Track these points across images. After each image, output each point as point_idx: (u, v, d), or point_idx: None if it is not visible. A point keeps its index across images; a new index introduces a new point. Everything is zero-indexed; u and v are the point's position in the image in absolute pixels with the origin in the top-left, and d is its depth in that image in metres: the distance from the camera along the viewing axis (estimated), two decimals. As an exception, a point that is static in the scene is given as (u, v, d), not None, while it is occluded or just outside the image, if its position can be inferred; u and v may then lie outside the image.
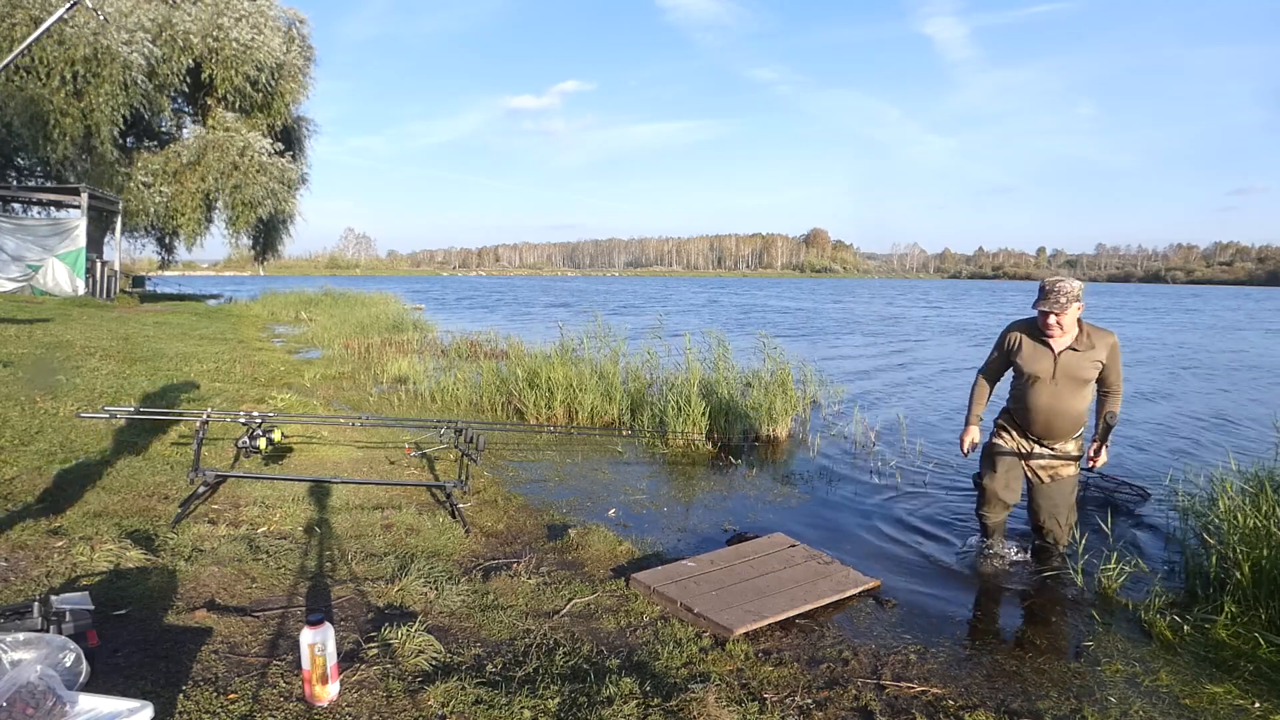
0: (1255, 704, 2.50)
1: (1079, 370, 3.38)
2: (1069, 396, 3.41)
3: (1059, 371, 3.40)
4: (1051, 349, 3.42)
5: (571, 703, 2.26)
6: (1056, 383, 3.41)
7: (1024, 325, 3.56)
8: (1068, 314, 3.31)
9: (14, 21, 18.06)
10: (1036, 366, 3.45)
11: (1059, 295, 3.28)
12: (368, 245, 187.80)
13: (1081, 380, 3.39)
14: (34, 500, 3.64)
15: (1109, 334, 3.42)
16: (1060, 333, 3.37)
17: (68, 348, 8.40)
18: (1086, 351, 3.37)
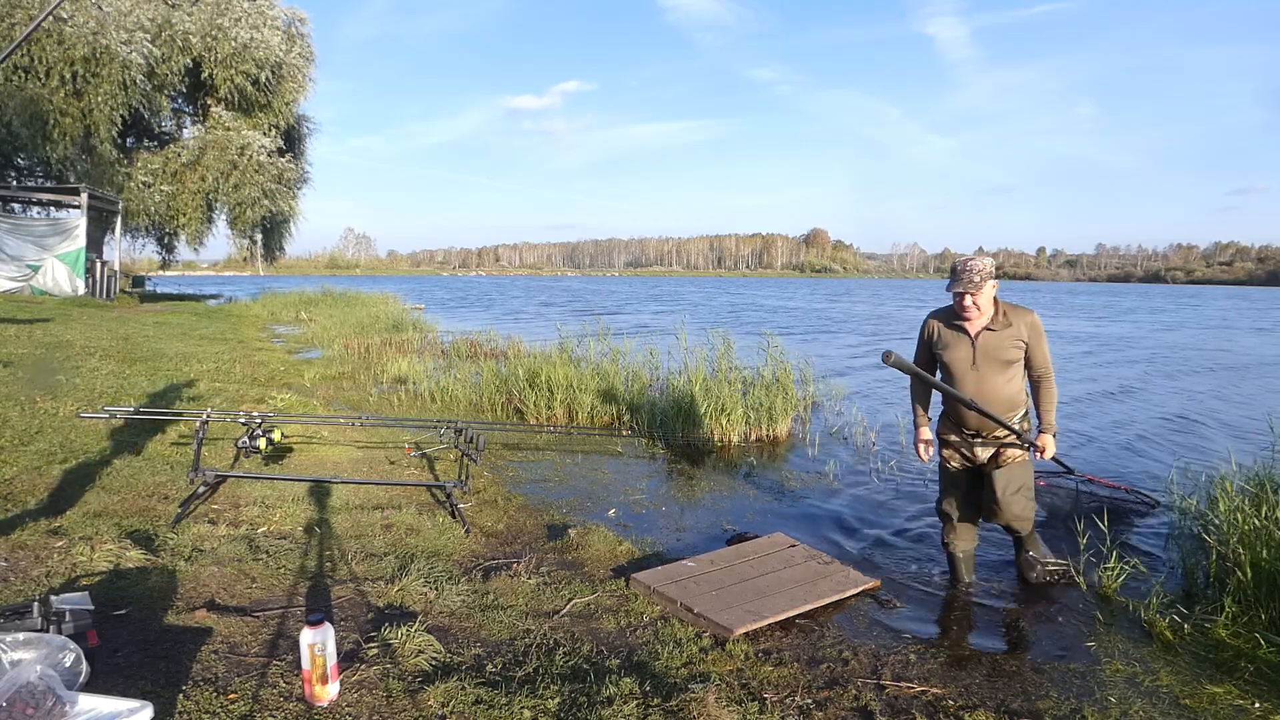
0: (1255, 704, 2.50)
1: (999, 351, 3.19)
2: (994, 379, 3.20)
3: (979, 355, 3.21)
4: (968, 333, 3.23)
5: (571, 703, 2.26)
6: (978, 368, 3.21)
7: (941, 314, 3.37)
8: (983, 293, 3.14)
9: (14, 21, 18.04)
10: (956, 353, 3.26)
11: (972, 274, 3.11)
12: (368, 245, 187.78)
13: (1004, 361, 3.19)
14: (34, 500, 3.64)
15: (1028, 311, 3.24)
16: (977, 314, 3.19)
17: (68, 348, 8.40)
18: (1004, 330, 3.18)
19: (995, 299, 3.25)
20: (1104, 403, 9.23)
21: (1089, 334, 21.05)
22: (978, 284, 3.11)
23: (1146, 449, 6.67)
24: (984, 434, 3.31)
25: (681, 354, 7.46)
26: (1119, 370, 12.56)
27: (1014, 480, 3.27)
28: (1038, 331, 3.22)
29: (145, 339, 10.48)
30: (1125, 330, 22.84)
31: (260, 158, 22.70)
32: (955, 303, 3.22)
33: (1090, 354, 15.40)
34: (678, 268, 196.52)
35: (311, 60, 25.00)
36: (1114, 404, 9.13)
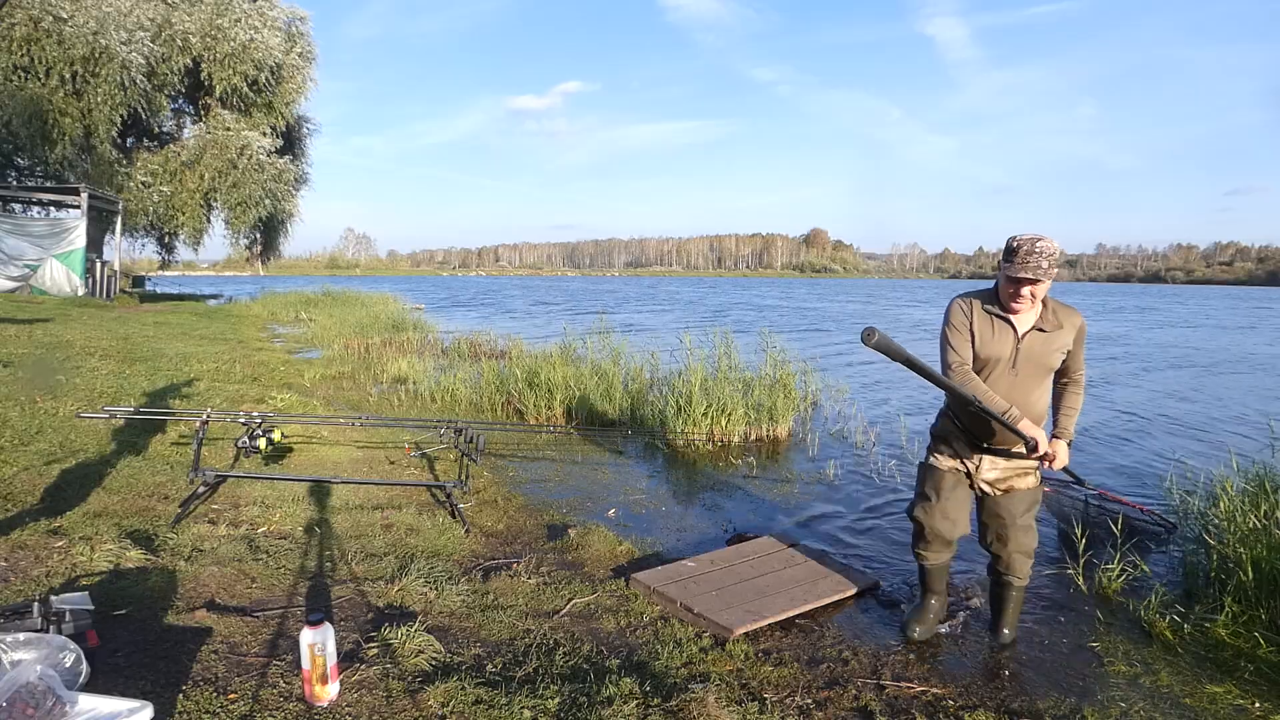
0: (1255, 704, 2.50)
1: (1045, 356, 2.68)
2: (1032, 389, 2.69)
3: (1022, 357, 2.66)
4: (1014, 328, 2.66)
5: (571, 703, 2.25)
6: (1017, 371, 2.67)
7: (977, 297, 2.78)
8: (1041, 286, 2.57)
9: (14, 21, 18.04)
10: (995, 349, 2.68)
11: (1040, 259, 2.49)
12: (368, 245, 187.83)
13: (1046, 368, 2.70)
14: (34, 500, 3.64)
15: (1076, 313, 2.72)
16: (1029, 307, 2.64)
17: (68, 348, 8.40)
18: (1054, 333, 2.66)
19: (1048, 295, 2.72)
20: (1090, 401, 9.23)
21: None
22: (1045, 271, 2.49)
23: (1111, 446, 6.67)
24: (1000, 448, 2.80)
25: (683, 354, 7.46)
26: (1101, 366, 12.57)
27: (1027, 506, 2.84)
28: (1082, 337, 2.75)
29: (145, 339, 10.48)
30: (1111, 328, 22.84)
31: (259, 158, 22.70)
32: (1007, 289, 2.60)
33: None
34: (678, 268, 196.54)
35: (312, 60, 25.01)
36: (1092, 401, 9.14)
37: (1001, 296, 2.67)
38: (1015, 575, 2.90)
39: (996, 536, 2.87)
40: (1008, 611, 2.99)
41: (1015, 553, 2.85)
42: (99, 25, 18.60)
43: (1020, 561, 2.87)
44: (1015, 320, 2.68)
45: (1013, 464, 2.81)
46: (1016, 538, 2.83)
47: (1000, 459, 2.81)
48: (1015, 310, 2.66)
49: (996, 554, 2.90)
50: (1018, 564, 2.87)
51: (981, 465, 2.83)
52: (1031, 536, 2.86)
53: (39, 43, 18.23)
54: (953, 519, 2.90)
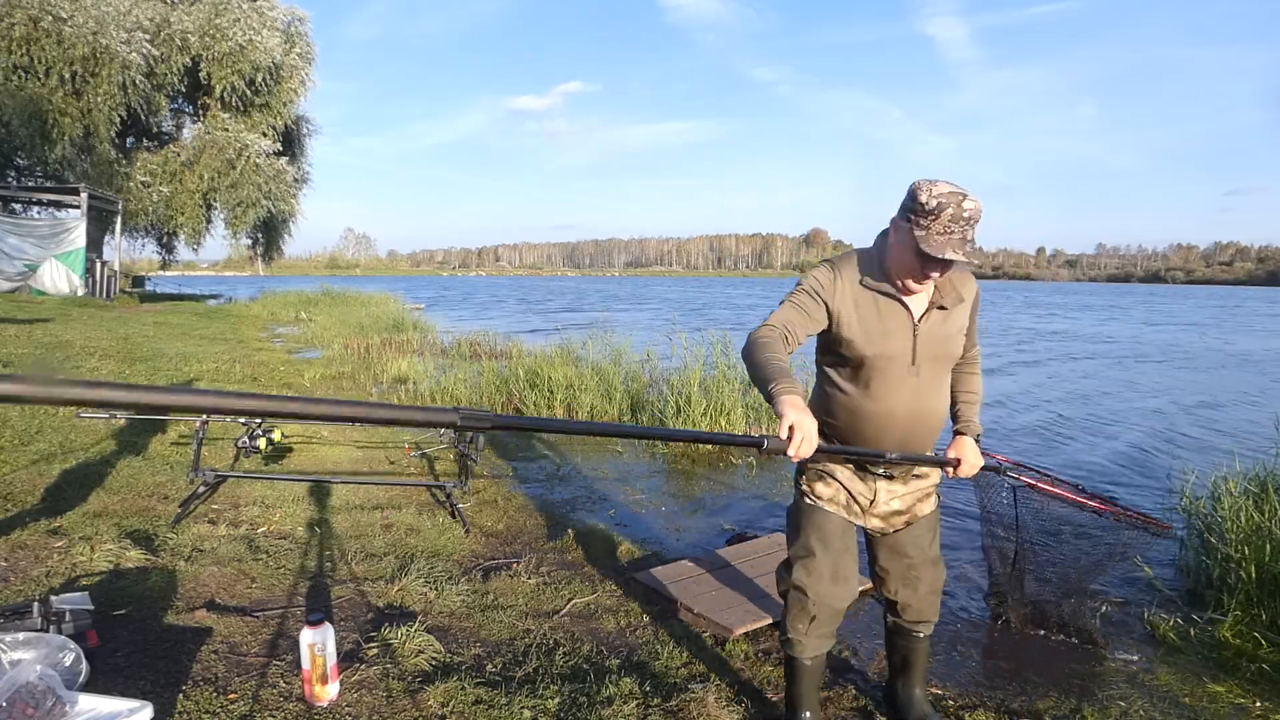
0: (1256, 704, 2.50)
1: (947, 342, 1.97)
2: (936, 391, 2.00)
3: (922, 350, 1.93)
4: (909, 311, 1.92)
5: (571, 703, 2.25)
6: (919, 370, 1.94)
7: (858, 266, 1.95)
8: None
9: (13, 21, 18.05)
10: (885, 343, 1.91)
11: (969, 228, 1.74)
12: (368, 245, 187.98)
13: (949, 359, 2.00)
14: (34, 500, 3.64)
15: (969, 277, 2.02)
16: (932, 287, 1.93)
17: (68, 348, 8.40)
18: (955, 310, 1.96)
19: None
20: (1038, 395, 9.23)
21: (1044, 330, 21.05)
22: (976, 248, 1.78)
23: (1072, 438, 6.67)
24: (899, 472, 2.09)
25: (682, 353, 7.46)
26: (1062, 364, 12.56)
27: (933, 534, 2.19)
28: (978, 306, 2.08)
29: (145, 339, 10.48)
30: (1112, 328, 22.84)
31: (258, 159, 22.70)
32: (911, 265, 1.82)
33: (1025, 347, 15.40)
34: (677, 268, 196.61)
35: (311, 61, 25.02)
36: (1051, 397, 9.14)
37: (894, 271, 1.87)
38: (928, 621, 2.22)
39: (903, 582, 2.16)
40: (916, 670, 2.29)
41: (930, 595, 2.17)
42: (98, 25, 18.61)
43: (933, 604, 2.21)
44: (911, 303, 1.92)
45: (914, 486, 2.11)
46: (929, 577, 2.16)
47: (899, 483, 2.10)
48: (915, 291, 1.90)
49: (904, 603, 2.18)
50: (930, 607, 2.20)
51: (878, 497, 2.09)
52: (943, 569, 2.22)
53: (38, 42, 18.23)
54: (846, 579, 2.07)
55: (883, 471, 2.08)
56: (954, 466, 2.09)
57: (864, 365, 1.94)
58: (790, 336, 1.89)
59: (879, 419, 1.97)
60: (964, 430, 2.12)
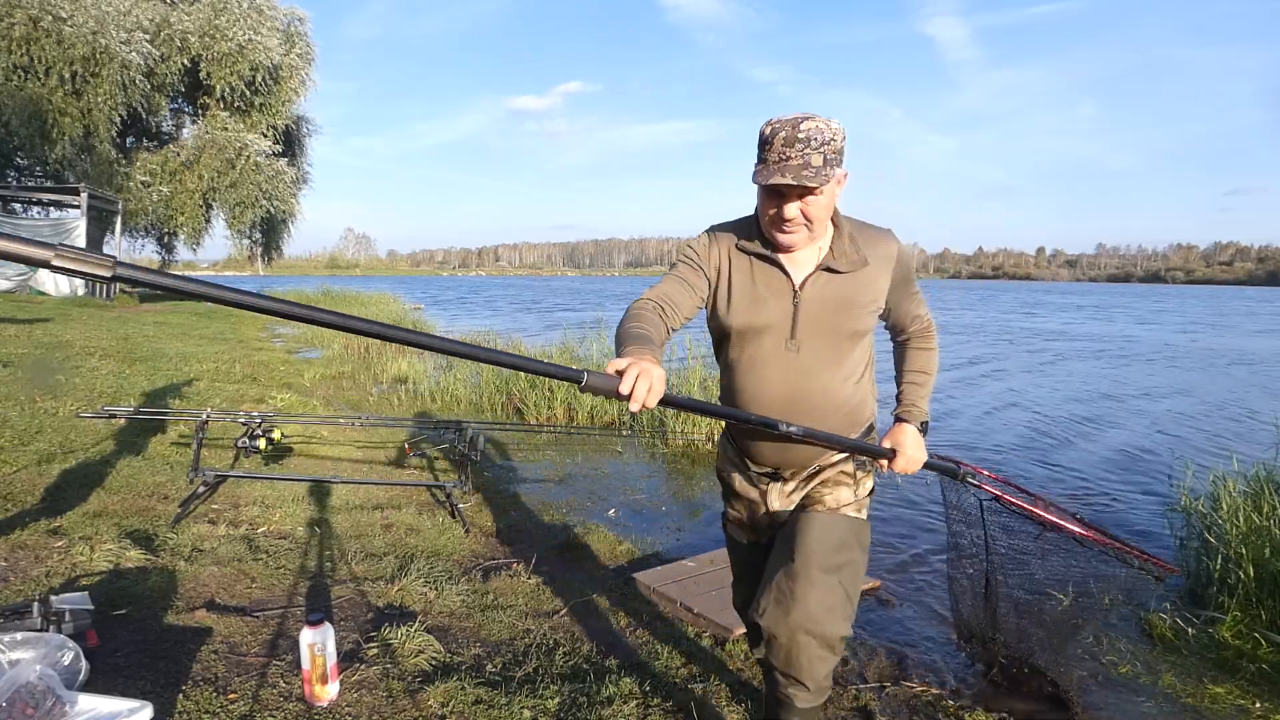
0: (1256, 704, 2.50)
1: (843, 314, 1.65)
2: (829, 371, 1.68)
3: (804, 320, 1.65)
4: (787, 274, 1.65)
5: (571, 703, 2.25)
6: (799, 344, 1.65)
7: (737, 230, 1.71)
8: (823, 194, 1.54)
9: (13, 21, 18.04)
10: (759, 312, 1.67)
11: (809, 149, 1.48)
12: (368, 245, 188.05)
13: (848, 334, 1.67)
14: (34, 500, 3.64)
15: (888, 237, 1.70)
16: (805, 235, 1.60)
17: (67, 347, 8.40)
18: (855, 274, 1.65)
19: (837, 212, 1.67)
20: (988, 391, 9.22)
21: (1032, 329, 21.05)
22: (820, 171, 1.49)
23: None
24: (790, 472, 1.79)
25: (683, 353, 7.46)
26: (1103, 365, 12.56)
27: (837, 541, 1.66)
28: (906, 272, 1.74)
29: (145, 339, 10.48)
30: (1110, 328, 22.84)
31: (257, 158, 22.71)
32: (765, 209, 1.60)
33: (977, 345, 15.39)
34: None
35: (311, 61, 25.00)
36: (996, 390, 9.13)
37: (762, 225, 1.64)
38: (800, 684, 1.63)
39: (776, 597, 1.61)
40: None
41: (801, 632, 1.57)
42: (98, 25, 18.60)
43: (810, 654, 1.59)
44: (788, 262, 1.65)
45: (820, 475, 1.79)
46: (808, 601, 1.57)
47: (795, 481, 1.80)
48: (785, 245, 1.62)
49: (770, 632, 1.62)
50: (804, 658, 1.59)
51: (770, 501, 1.80)
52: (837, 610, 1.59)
53: (38, 42, 18.22)
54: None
55: (769, 472, 1.78)
56: (888, 459, 1.74)
57: (737, 338, 1.71)
58: (667, 310, 1.65)
59: (751, 403, 1.70)
60: (903, 416, 1.80)
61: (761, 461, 1.80)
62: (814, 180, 1.48)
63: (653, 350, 1.44)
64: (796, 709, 1.69)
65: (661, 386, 1.33)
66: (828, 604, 1.58)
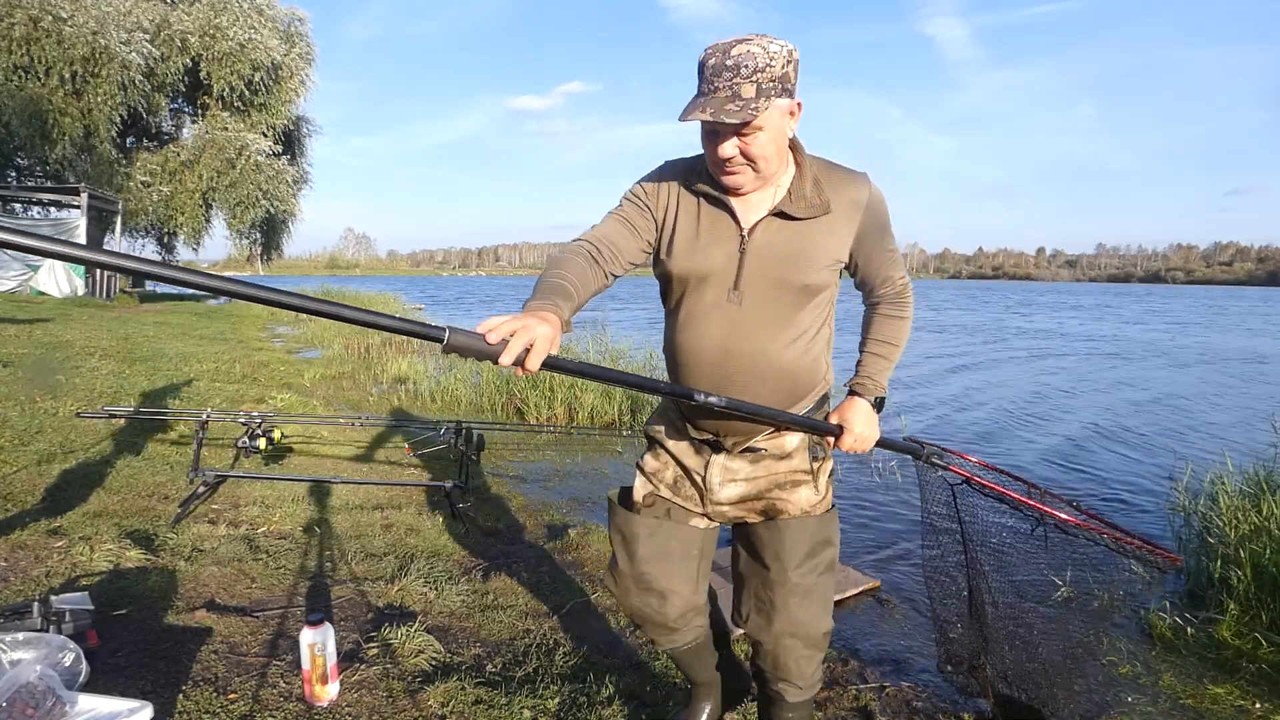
0: (1256, 704, 2.50)
1: (796, 265, 1.47)
2: (767, 328, 1.49)
3: (750, 270, 1.48)
4: (735, 218, 1.48)
5: (571, 703, 2.25)
6: (742, 295, 1.48)
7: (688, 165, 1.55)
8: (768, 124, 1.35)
9: (13, 21, 18.05)
10: (703, 257, 1.50)
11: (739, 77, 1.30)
12: (367, 245, 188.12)
13: (799, 290, 1.48)
14: (34, 500, 3.64)
15: (859, 181, 1.50)
16: (751, 176, 1.42)
17: (67, 348, 8.40)
18: (814, 222, 1.46)
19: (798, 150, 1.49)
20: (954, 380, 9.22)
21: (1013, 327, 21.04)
22: (746, 104, 1.30)
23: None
24: (732, 442, 1.60)
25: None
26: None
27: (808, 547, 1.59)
28: (878, 220, 1.52)
29: (145, 339, 10.48)
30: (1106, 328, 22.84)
31: (258, 158, 22.72)
32: (705, 150, 1.45)
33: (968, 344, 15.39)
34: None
35: (311, 61, 25.01)
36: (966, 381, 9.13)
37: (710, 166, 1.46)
38: (790, 682, 1.64)
39: (756, 605, 1.63)
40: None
41: (786, 636, 1.58)
42: (98, 25, 18.61)
43: (796, 655, 1.60)
44: (740, 205, 1.48)
45: (767, 468, 1.59)
46: (790, 608, 1.57)
47: (742, 459, 1.60)
48: (732, 188, 1.45)
49: (755, 638, 1.65)
50: (795, 662, 1.61)
51: (710, 474, 1.61)
52: (818, 609, 1.59)
53: (38, 42, 18.23)
54: (664, 592, 1.65)
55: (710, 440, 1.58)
56: (835, 436, 1.59)
57: (678, 287, 1.55)
58: (605, 252, 1.50)
59: (686, 357, 1.54)
60: (855, 388, 1.64)
61: (701, 427, 1.61)
62: (738, 115, 1.29)
63: (556, 305, 1.28)
64: (789, 704, 1.69)
65: (545, 347, 1.16)
66: (809, 607, 1.58)
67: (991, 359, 14.31)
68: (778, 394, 1.52)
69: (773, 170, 1.43)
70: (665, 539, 1.66)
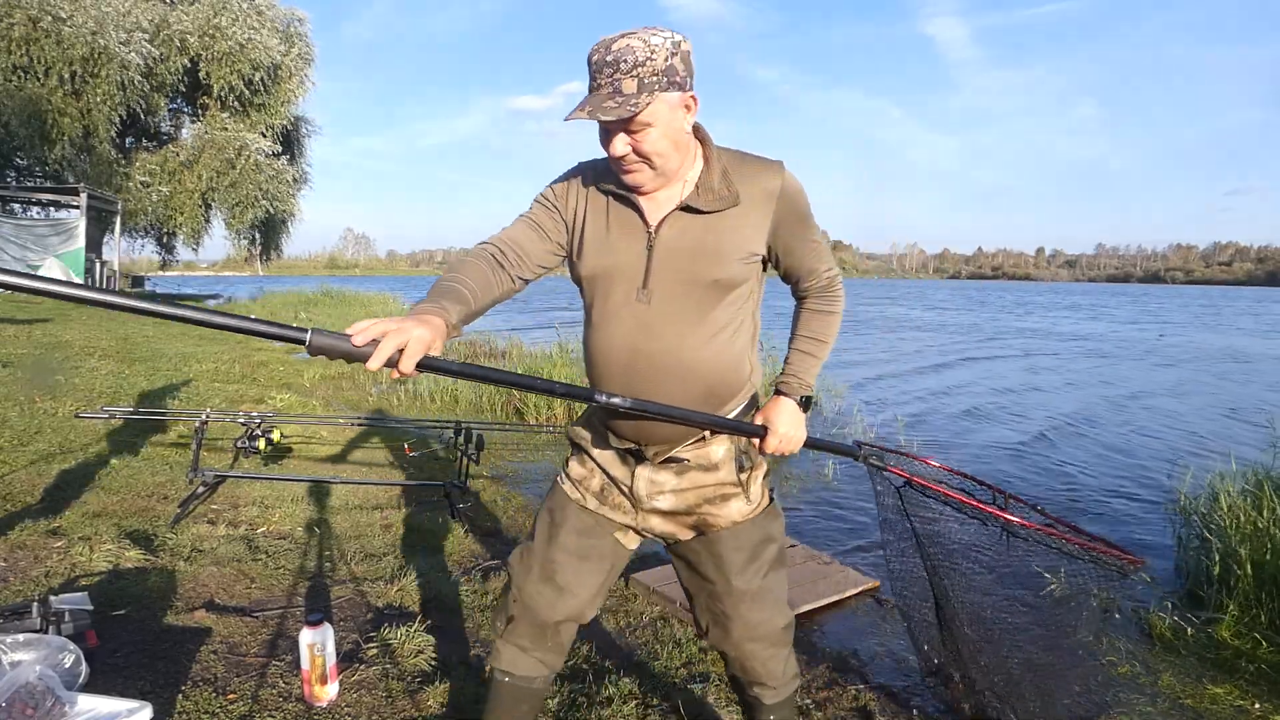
0: (1256, 705, 2.50)
1: (705, 261, 1.41)
2: (680, 328, 1.43)
3: (658, 267, 1.42)
4: (642, 216, 1.44)
5: (571, 703, 2.25)
6: (650, 294, 1.43)
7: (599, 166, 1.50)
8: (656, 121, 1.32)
9: (12, 21, 18.05)
10: (608, 258, 1.46)
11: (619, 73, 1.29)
12: (367, 245, 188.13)
13: (709, 286, 1.42)
14: (33, 500, 3.64)
15: (773, 169, 1.45)
16: (653, 176, 1.39)
17: (67, 348, 8.39)
18: (722, 215, 1.41)
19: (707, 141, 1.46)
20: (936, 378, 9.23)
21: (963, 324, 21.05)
22: (625, 101, 1.28)
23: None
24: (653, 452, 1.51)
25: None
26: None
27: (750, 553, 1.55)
28: (795, 210, 1.46)
29: (145, 339, 10.48)
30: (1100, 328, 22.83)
31: (257, 158, 22.72)
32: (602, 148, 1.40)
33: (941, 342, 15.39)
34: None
35: (311, 61, 25.01)
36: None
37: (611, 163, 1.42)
38: (762, 684, 1.64)
39: (712, 618, 1.62)
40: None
41: (747, 642, 1.58)
42: (98, 25, 18.61)
43: (767, 661, 1.61)
44: (647, 202, 1.44)
45: (694, 480, 1.52)
46: (742, 614, 1.56)
47: (667, 472, 1.52)
48: (633, 186, 1.42)
49: (722, 651, 1.67)
50: (762, 665, 1.61)
51: (637, 483, 1.53)
52: (772, 608, 1.58)
53: (38, 43, 18.23)
54: (563, 588, 1.58)
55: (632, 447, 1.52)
56: (760, 437, 1.55)
57: (589, 288, 1.50)
58: (510, 256, 1.47)
59: (598, 359, 1.50)
60: (781, 388, 1.61)
61: (621, 435, 1.52)
62: (615, 112, 1.27)
63: (442, 308, 1.26)
64: (767, 706, 1.68)
65: (419, 349, 1.13)
66: (762, 609, 1.57)
67: (986, 357, 14.31)
68: (693, 395, 1.45)
69: (673, 166, 1.39)
70: (594, 541, 1.58)
